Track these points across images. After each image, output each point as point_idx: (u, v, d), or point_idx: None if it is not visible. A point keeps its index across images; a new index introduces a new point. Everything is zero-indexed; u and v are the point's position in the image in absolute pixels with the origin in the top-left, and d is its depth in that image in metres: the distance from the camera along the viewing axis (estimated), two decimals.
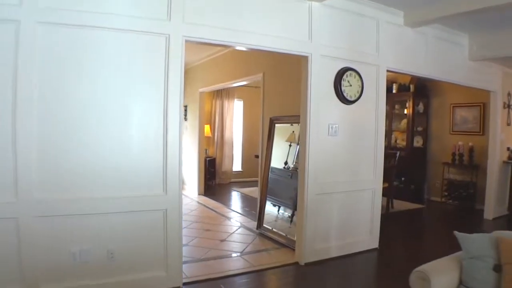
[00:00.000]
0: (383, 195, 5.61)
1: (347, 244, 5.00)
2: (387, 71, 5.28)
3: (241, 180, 11.20)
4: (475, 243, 2.75)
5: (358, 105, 4.95)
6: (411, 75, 5.77)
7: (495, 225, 7.18)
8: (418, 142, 9.33)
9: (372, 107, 5.16)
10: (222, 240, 5.47)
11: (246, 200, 8.60)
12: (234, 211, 7.39)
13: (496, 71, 7.35)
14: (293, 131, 5.65)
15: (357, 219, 5.11)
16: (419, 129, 9.30)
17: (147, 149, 3.57)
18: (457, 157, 8.46)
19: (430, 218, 7.90)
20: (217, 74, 7.92)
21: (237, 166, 11.44)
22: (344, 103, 4.82)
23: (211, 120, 10.70)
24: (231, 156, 11.12)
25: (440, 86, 8.97)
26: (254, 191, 9.45)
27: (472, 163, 8.28)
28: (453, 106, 8.92)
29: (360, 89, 4.92)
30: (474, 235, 2.86)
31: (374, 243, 5.29)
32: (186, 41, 3.65)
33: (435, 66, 5.91)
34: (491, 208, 7.55)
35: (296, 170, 5.28)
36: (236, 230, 5.98)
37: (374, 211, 5.28)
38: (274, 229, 5.60)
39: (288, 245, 5.15)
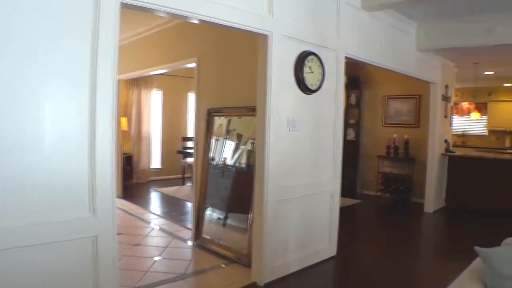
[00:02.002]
0: None
1: (307, 255, 4.35)
2: (345, 58, 4.68)
3: (161, 178, 10.15)
4: (505, 261, 2.27)
5: (318, 96, 4.28)
6: (367, 64, 5.24)
7: (436, 217, 7.20)
8: (350, 135, 9.02)
9: (332, 98, 4.54)
10: (156, 258, 4.49)
11: (171, 203, 7.60)
12: (160, 217, 6.38)
13: (437, 63, 7.28)
14: (220, 124, 5.04)
15: (316, 226, 4.48)
16: (352, 121, 9.01)
17: (65, 152, 2.45)
18: (392, 150, 8.29)
19: (371, 214, 7.62)
20: (139, 59, 6.75)
21: (156, 163, 10.34)
22: (305, 92, 4.11)
23: (127, 112, 9.48)
24: (149, 152, 10.00)
25: (372, 77, 8.79)
26: (177, 191, 8.57)
27: (407, 156, 8.16)
28: (387, 98, 8.74)
29: (321, 77, 4.25)
30: (499, 249, 2.42)
31: (333, 251, 4.72)
32: (122, 4, 2.65)
33: (389, 55, 5.57)
34: (431, 201, 7.48)
35: (226, 167, 4.80)
36: (170, 243, 5.01)
37: (333, 215, 4.69)
38: (216, 241, 4.76)
39: (238, 260, 4.35)
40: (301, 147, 4.17)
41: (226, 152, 4.96)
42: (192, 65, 5.45)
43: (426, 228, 6.78)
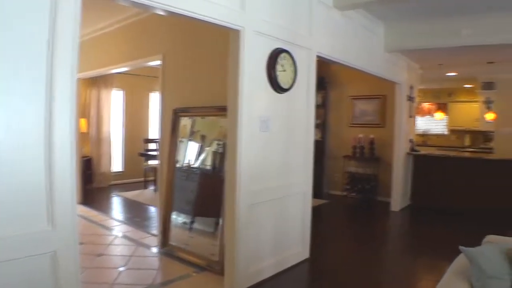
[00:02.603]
0: None
1: (281, 260, 4.20)
2: (317, 57, 4.58)
3: (122, 182, 9.75)
4: (491, 260, 2.24)
5: (290, 95, 4.15)
6: (339, 63, 5.16)
7: (402, 216, 7.28)
8: (316, 135, 8.83)
9: (303, 98, 4.42)
10: (121, 269, 4.20)
11: (133, 208, 7.25)
12: (123, 223, 6.03)
13: (403, 64, 7.34)
14: (184, 125, 4.85)
15: (289, 229, 4.34)
16: (317, 122, 8.89)
17: (19, 160, 2.14)
18: (358, 150, 8.32)
19: (339, 214, 7.56)
20: (99, 56, 6.39)
21: (117, 166, 9.92)
22: (277, 91, 3.96)
23: (86, 113, 9.04)
24: (110, 155, 9.58)
25: (338, 78, 8.80)
26: (139, 195, 8.25)
27: (373, 155, 8.21)
28: (352, 99, 8.75)
29: (293, 76, 4.11)
30: (484, 249, 2.38)
31: (306, 253, 4.60)
32: None
33: (359, 55, 5.58)
34: (397, 200, 7.54)
35: (191, 170, 4.62)
36: (135, 251, 4.72)
37: (305, 217, 4.57)
38: (183, 246, 4.54)
39: (209, 267, 4.14)
40: (273, 148, 4.01)
41: (191, 154, 4.76)
42: (157, 62, 5.18)
43: (394, 227, 6.81)
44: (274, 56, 3.81)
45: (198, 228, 4.53)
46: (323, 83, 8.87)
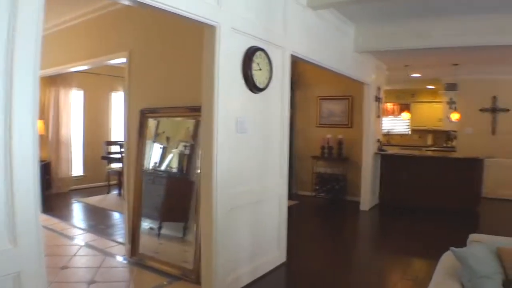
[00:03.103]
0: None
1: (258, 265, 4.06)
2: (291, 56, 4.47)
3: (84, 186, 9.30)
4: (481, 261, 2.25)
5: (265, 95, 4.01)
6: (312, 63, 5.07)
7: (372, 215, 7.34)
8: None
9: (278, 98, 4.28)
10: (90, 283, 3.89)
11: (97, 214, 6.87)
12: (87, 231, 5.67)
13: (371, 65, 7.37)
14: (149, 126, 4.62)
15: (266, 233, 4.21)
16: None
17: None
18: (326, 150, 8.30)
19: (309, 214, 7.51)
20: (58, 54, 5.99)
21: (77, 170, 9.45)
22: (253, 91, 3.80)
23: (44, 114, 8.55)
24: (70, 158, 9.11)
25: (305, 78, 8.76)
26: (102, 201, 7.89)
27: (341, 156, 8.23)
28: (319, 99, 8.71)
29: (269, 75, 3.97)
30: (474, 249, 2.37)
31: (283, 257, 4.48)
32: None
33: (331, 55, 5.54)
34: (366, 199, 7.56)
35: (157, 173, 4.42)
36: (102, 262, 4.42)
37: (281, 220, 4.45)
38: (153, 254, 4.30)
39: (184, 276, 3.93)
40: (249, 150, 3.86)
41: (156, 156, 4.54)
42: (122, 60, 4.89)
43: (365, 226, 6.83)
44: (250, 54, 3.65)
45: (166, 234, 4.32)
46: (290, 83, 8.79)
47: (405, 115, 10.07)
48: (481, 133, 8.88)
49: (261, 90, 3.86)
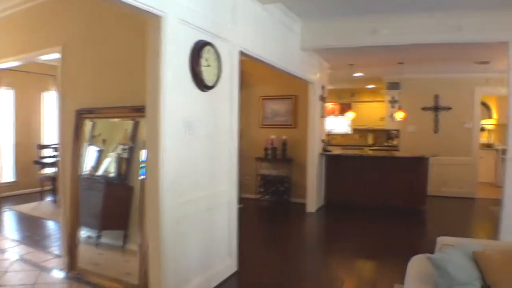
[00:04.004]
0: None
1: (210, 277, 3.80)
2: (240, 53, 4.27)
3: (15, 193, 8.55)
4: (459, 267, 2.18)
5: (214, 93, 3.77)
6: (260, 61, 4.90)
7: (319, 217, 7.26)
8: None
9: (227, 97, 4.06)
10: None
11: (31, 224, 6.24)
12: (20, 243, 5.08)
13: (315, 63, 7.32)
14: (84, 128, 4.25)
15: (217, 242, 3.95)
16: None
17: None
18: (270, 152, 8.17)
19: (255, 218, 7.35)
20: None
21: (7, 176, 8.73)
22: (201, 89, 3.55)
23: None
24: None
25: (248, 77, 8.58)
26: (36, 209, 7.30)
27: (286, 157, 8.13)
28: (263, 99, 8.60)
29: (218, 72, 3.74)
30: (451, 255, 2.29)
31: (234, 266, 4.25)
32: None
33: (279, 53, 5.38)
34: (313, 201, 7.49)
35: (94, 178, 4.09)
36: (38, 278, 3.94)
37: (231, 227, 4.21)
38: (93, 268, 3.94)
39: None
40: (198, 154, 3.59)
41: (93, 160, 4.17)
42: (55, 55, 4.48)
43: (314, 229, 6.75)
44: (198, 49, 3.39)
45: (105, 243, 3.96)
46: None
47: (350, 115, 10.20)
48: (424, 131, 9.14)
49: (209, 88, 3.62)
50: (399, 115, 8.69)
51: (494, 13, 5.18)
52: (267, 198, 8.23)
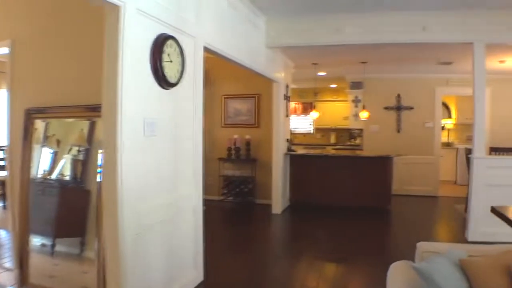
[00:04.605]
0: None
1: None
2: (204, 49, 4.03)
3: None
4: (447, 277, 2.03)
5: (177, 91, 3.50)
6: (224, 58, 4.68)
7: (285, 218, 7.11)
8: None
9: (190, 95, 3.80)
10: None
11: None
12: None
13: (280, 62, 7.16)
14: (36, 128, 3.90)
15: (181, 251, 3.68)
16: None
17: None
18: (233, 152, 7.96)
19: (219, 221, 7.10)
20: None
21: None
22: (163, 86, 3.28)
23: None
24: None
25: (209, 75, 8.32)
26: None
27: (249, 157, 7.94)
28: (225, 98, 8.37)
29: (181, 68, 3.49)
30: (438, 264, 2.13)
31: (200, 276, 4.00)
32: None
33: (244, 50, 5.17)
34: (278, 202, 7.33)
35: (48, 182, 3.75)
36: None
37: (197, 235, 3.96)
38: (49, 282, 3.60)
39: None
40: (160, 156, 3.31)
41: (46, 163, 3.83)
42: (4, 50, 4.08)
43: (281, 232, 6.60)
44: (160, 43, 3.12)
45: (61, 252, 3.62)
46: None
47: (314, 114, 10.13)
48: (386, 131, 9.23)
49: (172, 85, 3.35)
50: (364, 115, 8.68)
51: (459, 13, 5.24)
52: (230, 199, 8.00)
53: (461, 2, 4.95)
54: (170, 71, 3.30)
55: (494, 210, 3.61)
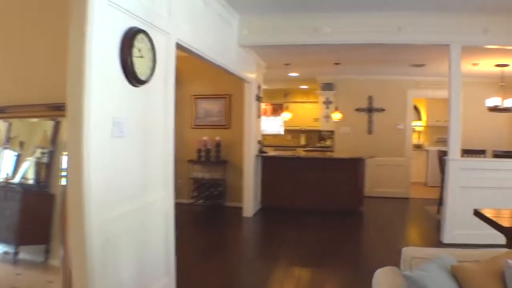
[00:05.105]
0: None
1: None
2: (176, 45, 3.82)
3: None
4: (440, 285, 1.96)
5: (147, 89, 3.28)
6: (199, 56, 4.48)
7: (257, 222, 6.98)
8: None
9: (162, 93, 3.60)
10: None
11: None
12: None
13: (252, 61, 7.01)
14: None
15: (153, 261, 3.45)
16: None
17: None
18: (203, 154, 7.75)
19: (190, 225, 6.87)
20: None
21: None
22: (133, 84, 3.05)
23: None
24: None
25: (179, 75, 8.04)
26: None
27: (220, 159, 7.74)
28: (195, 98, 8.14)
29: (152, 65, 3.26)
30: (430, 272, 2.05)
31: (172, 285, 3.77)
32: None
33: (216, 48, 4.99)
34: (250, 205, 7.18)
35: (9, 186, 3.47)
36: None
37: (169, 241, 3.74)
38: None
39: None
40: (129, 159, 3.08)
41: (9, 166, 3.53)
42: None
43: (253, 235, 6.46)
44: (130, 37, 2.89)
45: (24, 260, 3.34)
46: None
47: (286, 115, 10.07)
48: (358, 132, 9.23)
49: (142, 82, 3.12)
50: (336, 116, 8.64)
51: (436, 15, 5.26)
52: (201, 202, 7.79)
53: (437, 4, 4.94)
54: (141, 67, 3.07)
55: (477, 213, 3.59)
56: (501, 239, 3.19)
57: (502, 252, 2.23)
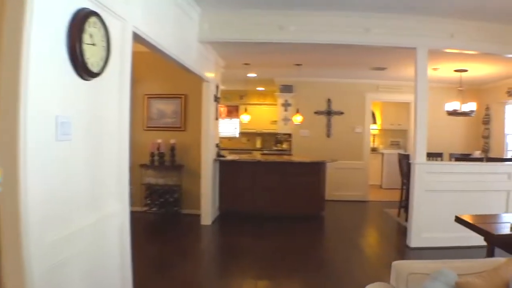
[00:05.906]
0: None
1: None
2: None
3: None
4: None
5: (99, 83, 2.77)
6: (157, 50, 4.02)
7: (215, 230, 6.61)
8: None
9: (116, 89, 3.10)
10: None
11: None
12: None
13: (211, 59, 6.61)
14: None
15: (107, 282, 2.95)
16: None
17: None
18: (156, 158, 7.23)
19: (143, 235, 6.30)
20: None
21: None
22: (82, 76, 2.53)
23: None
24: None
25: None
26: None
27: (175, 163, 7.26)
28: (148, 98, 7.61)
29: (105, 54, 2.76)
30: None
31: None
32: None
33: (175, 42, 4.51)
34: (208, 212, 6.76)
35: None
36: None
37: (124, 260, 3.24)
38: None
39: None
40: (76, 166, 2.55)
41: None
42: None
43: (213, 244, 6.07)
44: (80, 20, 2.39)
45: None
46: None
47: (246, 117, 9.72)
48: (317, 135, 9.13)
49: (94, 75, 2.61)
50: (297, 118, 8.40)
51: (404, 17, 5.23)
52: (154, 210, 7.24)
53: (404, 6, 4.84)
54: (92, 57, 2.57)
55: (458, 219, 3.56)
56: (471, 241, 3.08)
57: (501, 262, 2.14)
